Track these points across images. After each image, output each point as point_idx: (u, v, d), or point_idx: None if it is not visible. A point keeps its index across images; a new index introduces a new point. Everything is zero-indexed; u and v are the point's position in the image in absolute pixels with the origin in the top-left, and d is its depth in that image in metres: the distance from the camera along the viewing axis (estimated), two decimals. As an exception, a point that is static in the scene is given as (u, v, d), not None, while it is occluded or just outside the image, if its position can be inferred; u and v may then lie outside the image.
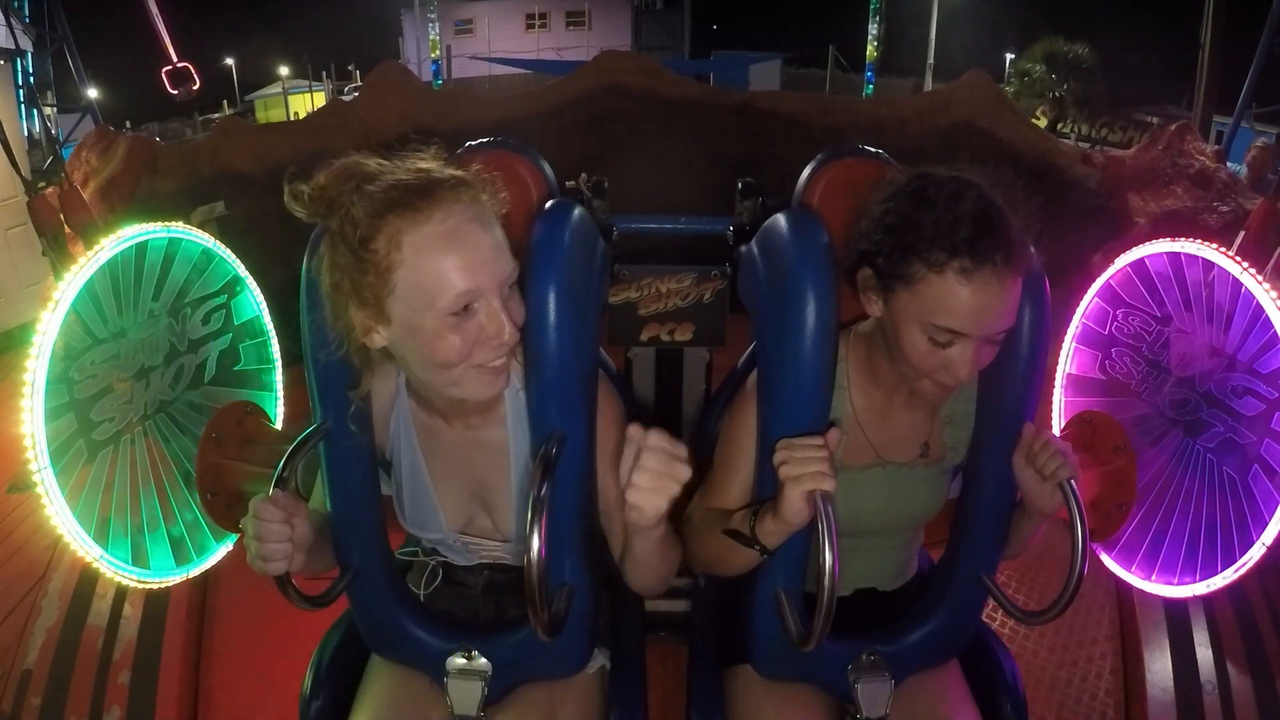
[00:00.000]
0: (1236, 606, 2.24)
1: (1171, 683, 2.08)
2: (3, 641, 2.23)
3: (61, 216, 3.60)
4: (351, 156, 1.03)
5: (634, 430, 0.99)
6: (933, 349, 1.09)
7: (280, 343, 1.61)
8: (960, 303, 1.04)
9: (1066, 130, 15.83)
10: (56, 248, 3.52)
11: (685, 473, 0.98)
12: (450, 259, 0.97)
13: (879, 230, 1.12)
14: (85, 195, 3.95)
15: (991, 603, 1.30)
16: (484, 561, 1.33)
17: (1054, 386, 1.58)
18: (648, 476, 0.97)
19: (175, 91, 6.62)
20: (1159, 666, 2.12)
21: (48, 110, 5.47)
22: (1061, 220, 4.71)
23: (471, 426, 1.20)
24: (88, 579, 2.32)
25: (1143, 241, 1.42)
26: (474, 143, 1.44)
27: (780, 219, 1.19)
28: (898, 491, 1.30)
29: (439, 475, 1.24)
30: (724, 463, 1.29)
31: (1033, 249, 1.18)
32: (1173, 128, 4.89)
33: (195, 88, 6.69)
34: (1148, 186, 4.71)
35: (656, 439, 0.97)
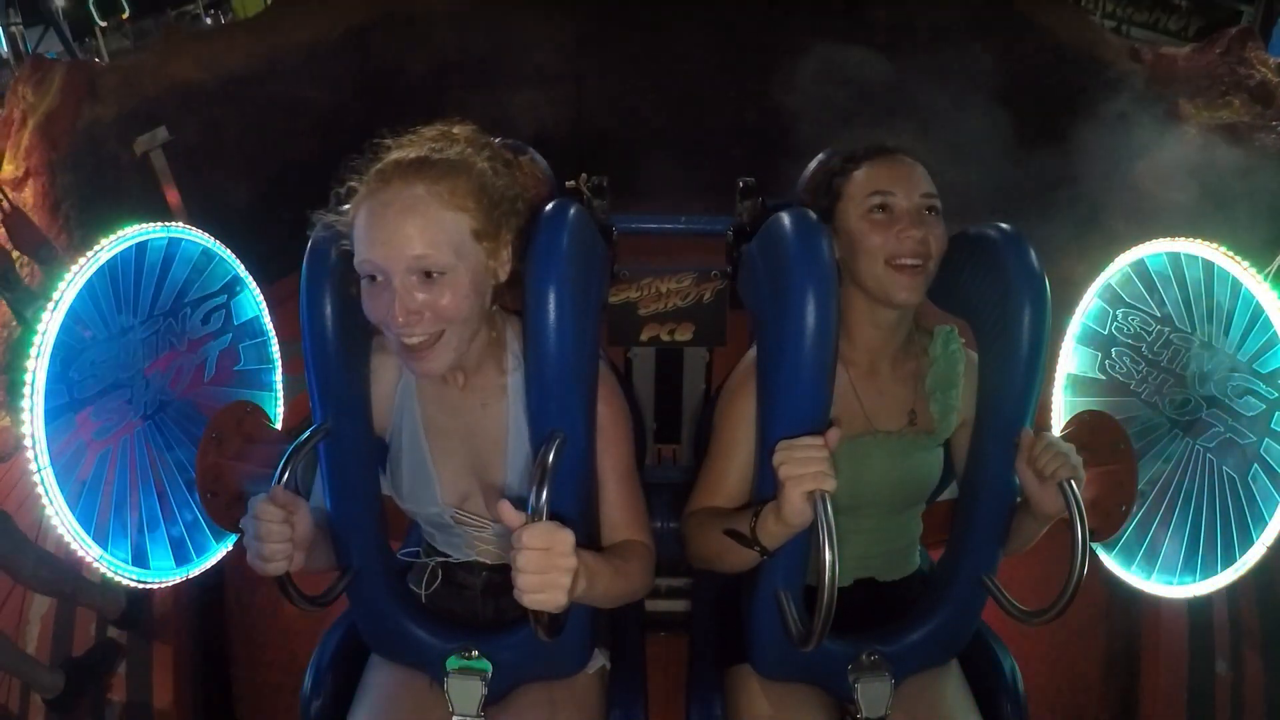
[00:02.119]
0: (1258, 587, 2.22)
1: (1186, 660, 2.07)
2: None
3: (10, 245, 3.15)
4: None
5: (508, 514, 0.97)
6: (878, 223, 1.24)
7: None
8: (876, 173, 1.27)
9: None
10: (11, 283, 3.05)
11: (569, 562, 0.95)
12: (367, 229, 1.05)
13: (807, 188, 1.38)
14: (25, 136, 3.53)
15: (991, 603, 1.30)
16: (483, 561, 1.33)
17: (1054, 386, 1.58)
18: (531, 579, 0.95)
19: (104, 23, 6.12)
20: (1174, 631, 2.10)
21: (13, 28, 5.12)
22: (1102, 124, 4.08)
23: (473, 389, 1.23)
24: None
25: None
26: None
27: (781, 219, 1.19)
28: (891, 461, 1.32)
29: (438, 450, 1.26)
30: (721, 448, 1.31)
31: (1035, 253, 1.20)
32: (1233, 31, 4.34)
33: (125, 16, 6.37)
34: (1202, 93, 4.17)
35: (528, 537, 0.94)
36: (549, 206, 1.16)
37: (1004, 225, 1.28)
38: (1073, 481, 1.14)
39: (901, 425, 1.34)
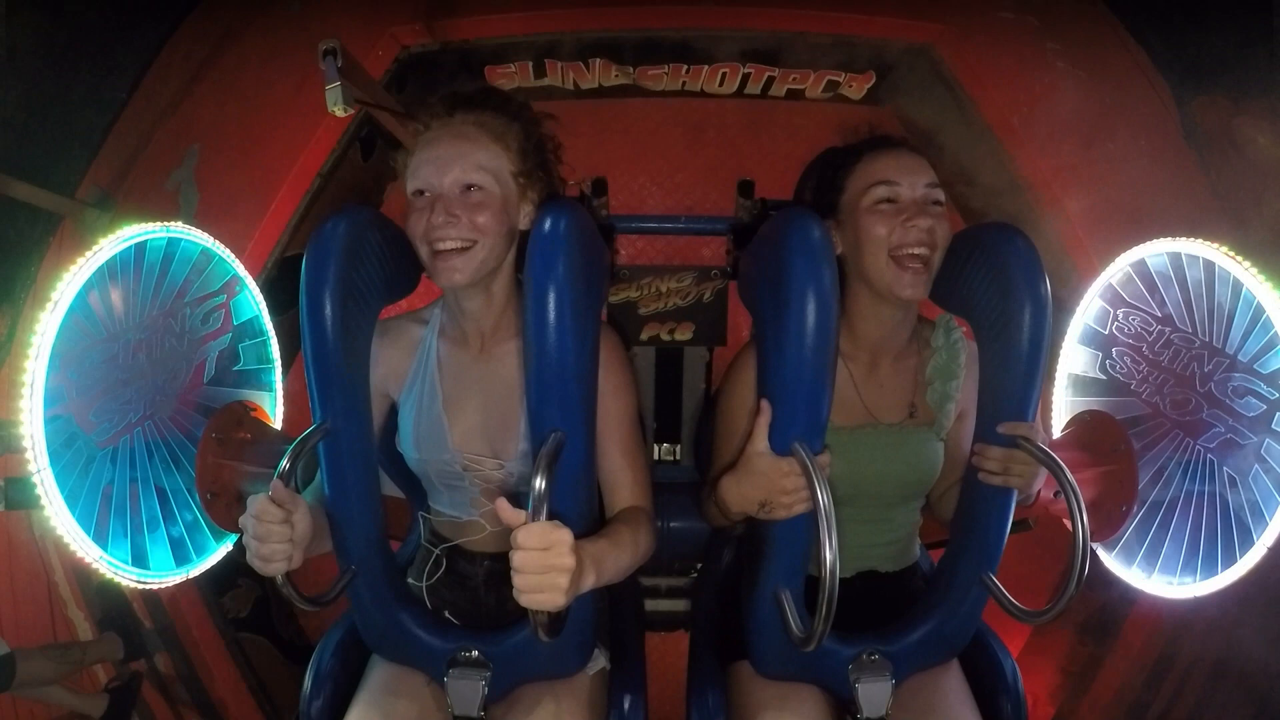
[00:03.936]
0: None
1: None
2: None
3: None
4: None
5: (506, 512, 0.99)
6: (884, 214, 1.25)
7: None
8: (882, 162, 1.27)
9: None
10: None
11: (567, 561, 0.97)
12: (427, 150, 1.21)
13: (809, 184, 1.35)
14: None
15: (992, 603, 1.30)
16: (484, 523, 1.35)
17: (1054, 386, 1.58)
18: (530, 579, 0.97)
19: None
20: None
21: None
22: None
23: (489, 352, 1.30)
24: (85, 572, 2.24)
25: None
26: None
27: (781, 219, 1.19)
28: (892, 452, 1.34)
29: (453, 400, 1.31)
30: (728, 433, 1.34)
31: (1036, 252, 1.20)
32: None
33: None
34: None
35: (525, 537, 0.96)
36: (549, 206, 1.16)
37: (1005, 224, 1.28)
38: (1073, 481, 1.15)
39: (902, 418, 1.36)
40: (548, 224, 1.11)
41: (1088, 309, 1.53)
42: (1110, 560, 1.44)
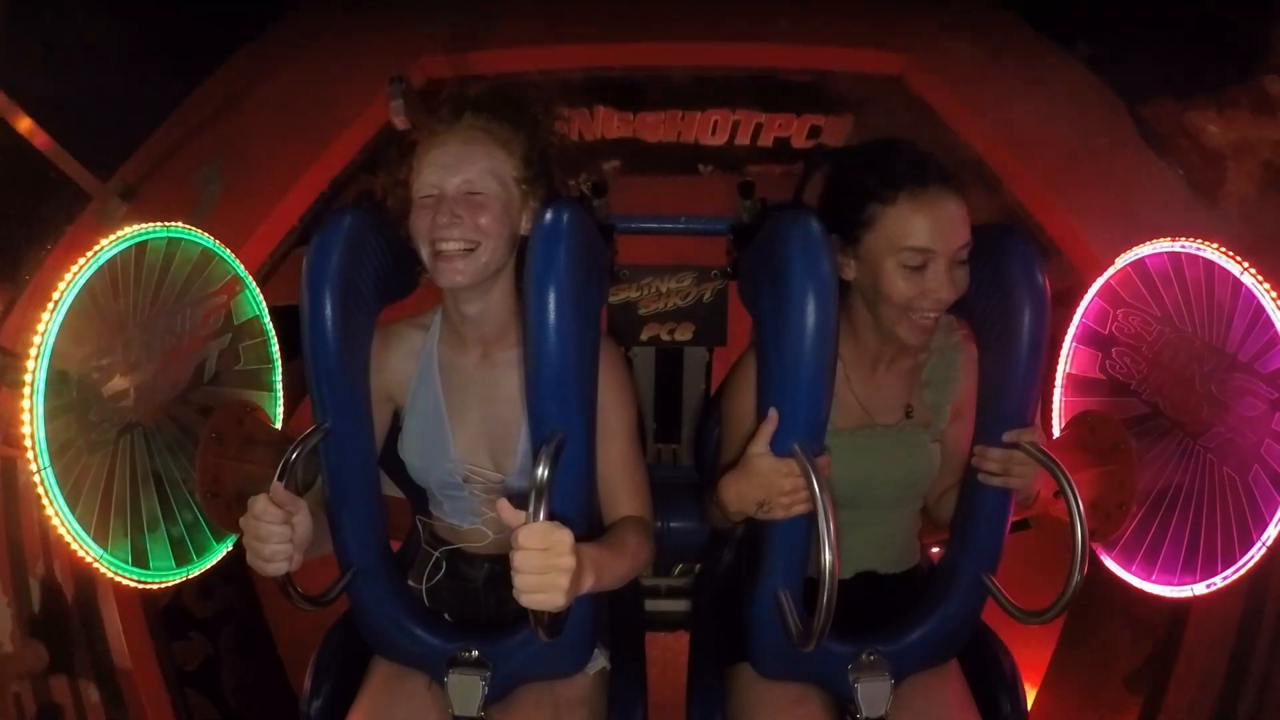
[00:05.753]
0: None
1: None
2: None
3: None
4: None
5: (506, 512, 1.00)
6: (909, 277, 1.18)
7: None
8: (920, 222, 1.16)
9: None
10: None
11: (567, 562, 0.97)
12: (435, 154, 1.23)
13: (831, 197, 1.28)
14: None
15: (991, 603, 1.30)
16: (485, 530, 1.35)
17: (1054, 386, 1.58)
18: (530, 579, 0.97)
19: None
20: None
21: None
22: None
23: (490, 359, 1.30)
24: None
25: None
26: None
27: (781, 220, 1.19)
28: (889, 454, 1.34)
29: (455, 411, 1.31)
30: (732, 440, 1.33)
31: (1035, 253, 1.20)
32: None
33: None
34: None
35: (525, 536, 0.96)
36: (549, 206, 1.16)
37: (1004, 225, 1.28)
38: (1072, 482, 1.15)
39: (898, 418, 1.36)
40: (548, 219, 1.12)
41: (1087, 309, 1.53)
42: (1110, 560, 1.44)
